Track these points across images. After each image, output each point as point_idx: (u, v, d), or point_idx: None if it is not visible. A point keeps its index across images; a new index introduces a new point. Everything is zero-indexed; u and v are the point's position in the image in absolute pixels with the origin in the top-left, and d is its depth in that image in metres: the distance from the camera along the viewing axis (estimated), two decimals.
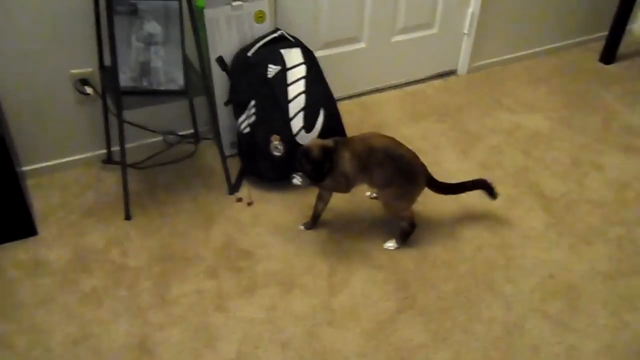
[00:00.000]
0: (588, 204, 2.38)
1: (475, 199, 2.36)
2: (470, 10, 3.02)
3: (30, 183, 2.36)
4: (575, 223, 2.29)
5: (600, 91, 3.13)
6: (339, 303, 1.95)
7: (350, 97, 2.97)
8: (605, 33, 3.35)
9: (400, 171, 2.01)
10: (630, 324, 1.90)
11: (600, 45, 3.40)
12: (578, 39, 3.52)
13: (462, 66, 3.22)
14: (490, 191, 2.17)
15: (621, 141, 2.75)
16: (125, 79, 2.08)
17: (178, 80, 2.11)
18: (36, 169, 2.38)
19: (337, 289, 2.00)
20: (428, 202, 2.27)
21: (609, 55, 3.36)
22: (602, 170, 2.56)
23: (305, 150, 1.97)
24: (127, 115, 2.09)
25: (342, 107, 2.54)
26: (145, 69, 2.09)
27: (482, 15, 3.04)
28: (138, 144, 2.51)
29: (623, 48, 3.39)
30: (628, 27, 3.36)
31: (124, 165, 2.14)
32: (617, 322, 1.91)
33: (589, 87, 3.17)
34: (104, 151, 2.48)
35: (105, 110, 2.33)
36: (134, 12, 2.03)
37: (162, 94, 2.12)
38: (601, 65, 3.37)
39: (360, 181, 2.09)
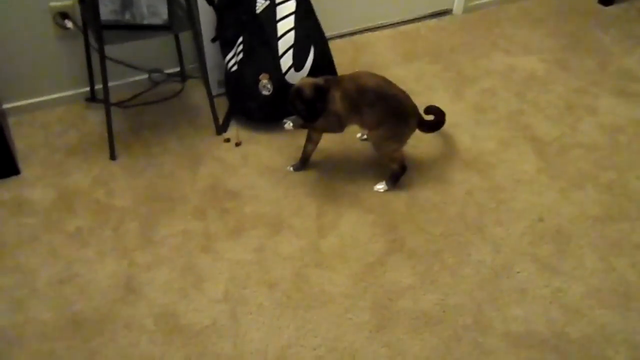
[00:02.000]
0: (580, 148, 2.36)
1: (466, 141, 2.33)
2: None
3: (11, 121, 2.29)
4: (566, 167, 2.27)
5: (597, 33, 3.06)
6: (327, 245, 1.94)
7: (342, 35, 2.89)
8: None
9: (391, 112, 1.96)
10: (617, 268, 1.90)
11: None
12: None
13: (457, 6, 3.12)
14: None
15: (616, 85, 2.70)
16: (106, 12, 1.99)
17: (162, 14, 2.02)
18: (17, 106, 2.31)
19: (326, 230, 1.98)
20: (419, 145, 2.23)
21: None
22: (595, 114, 2.53)
23: (297, 90, 1.91)
24: (110, 51, 2.02)
25: (333, 45, 2.46)
26: (127, 2, 1.99)
27: None
28: (122, 82, 2.44)
29: None
30: None
31: (107, 104, 2.08)
32: (604, 266, 1.91)
33: (586, 29, 3.09)
34: (87, 89, 2.40)
35: (87, 45, 2.24)
36: None
37: (145, 29, 2.04)
38: (599, 6, 3.28)
39: (352, 121, 2.04)
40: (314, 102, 1.89)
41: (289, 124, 2.04)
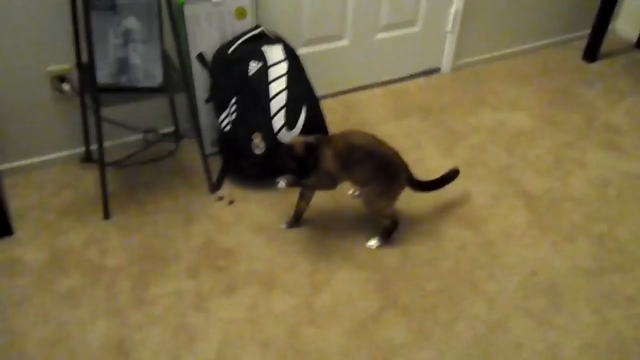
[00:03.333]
0: (570, 201, 2.38)
1: (457, 196, 2.36)
2: (453, 8, 3.01)
3: (6, 182, 2.31)
4: (557, 220, 2.29)
5: (582, 89, 3.14)
6: (320, 302, 1.93)
7: (333, 94, 2.95)
8: (588, 31, 3.36)
9: (381, 169, 1.99)
10: (612, 321, 1.90)
11: (582, 44, 3.40)
12: (561, 37, 3.52)
13: (445, 64, 3.21)
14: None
15: (603, 139, 2.75)
16: (103, 76, 2.05)
17: (157, 77, 2.08)
18: (13, 167, 2.34)
19: (319, 287, 1.98)
20: (410, 200, 2.25)
21: (591, 53, 3.36)
22: (584, 168, 2.57)
23: (288, 147, 1.95)
24: (106, 112, 2.06)
25: (325, 105, 2.52)
26: (123, 66, 2.05)
27: (465, 13, 3.03)
28: (118, 142, 2.48)
29: (605, 46, 3.40)
30: (610, 26, 3.37)
31: (102, 164, 2.10)
32: (599, 319, 1.91)
33: (571, 85, 3.17)
34: (83, 150, 2.43)
35: (83, 107, 2.29)
36: (111, 7, 1.99)
37: (140, 91, 2.09)
38: (584, 63, 3.38)
39: (343, 179, 2.07)
40: (305, 158, 1.92)
41: (282, 183, 2.06)
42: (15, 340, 1.77)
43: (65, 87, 2.24)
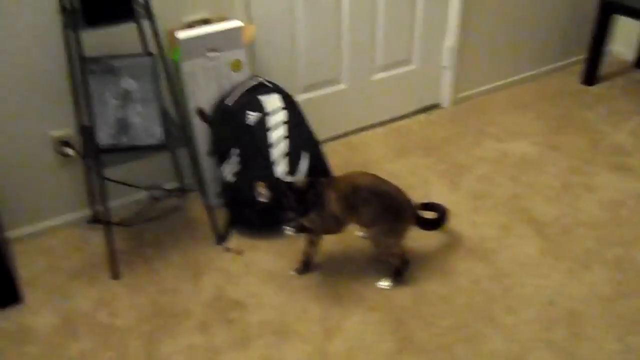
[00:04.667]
0: (582, 226, 2.34)
1: (467, 229, 2.33)
2: (447, 43, 3.05)
3: (14, 248, 2.32)
4: (571, 247, 2.24)
5: (584, 113, 3.13)
6: (334, 348, 1.89)
7: (335, 137, 2.97)
8: (585, 55, 3.37)
9: (386, 208, 1.98)
10: (636, 348, 1.84)
11: (581, 68, 3.42)
12: (558, 63, 3.54)
13: (445, 99, 3.23)
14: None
15: (610, 161, 2.73)
16: (104, 137, 2.07)
17: (157, 134, 2.10)
18: (21, 234, 2.35)
19: (332, 333, 1.94)
20: (420, 237, 2.22)
21: (590, 76, 3.37)
22: (594, 192, 2.53)
23: (288, 183, 1.95)
24: (110, 172, 2.08)
25: (327, 148, 2.53)
26: (123, 126, 2.08)
27: (461, 47, 3.06)
28: (123, 200, 2.49)
29: (604, 69, 3.41)
30: (607, 48, 3.38)
31: (108, 224, 2.11)
32: (622, 346, 1.85)
33: (573, 109, 3.17)
34: (89, 211, 2.45)
35: (87, 169, 2.31)
36: (109, 70, 2.03)
37: (141, 149, 2.11)
38: (583, 87, 3.38)
39: (349, 221, 2.06)
40: (304, 193, 1.91)
41: (289, 230, 2.06)
42: None
43: (69, 151, 2.27)
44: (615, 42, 3.69)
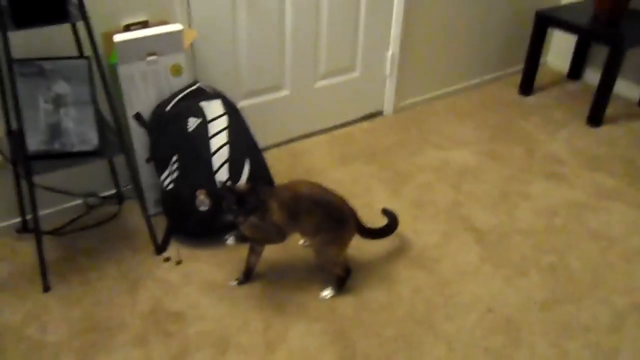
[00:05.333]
0: (519, 234, 2.40)
1: (408, 237, 2.35)
2: (389, 52, 3.07)
3: None
4: (508, 254, 2.29)
5: (521, 122, 3.22)
6: None
7: (278, 144, 2.94)
8: (521, 66, 3.48)
9: (329, 217, 1.96)
10: (570, 352, 1.89)
11: (517, 79, 3.52)
12: (497, 74, 3.63)
13: (387, 107, 3.25)
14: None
15: (545, 169, 2.81)
16: (35, 143, 1.98)
17: (92, 140, 2.02)
18: None
19: (274, 345, 1.91)
20: (361, 246, 2.22)
21: (526, 87, 3.47)
22: (530, 200, 2.60)
23: (228, 186, 1.91)
24: (42, 179, 1.98)
25: (270, 155, 2.50)
26: (56, 131, 1.99)
27: (402, 56, 3.09)
28: (57, 208, 2.38)
29: (539, 80, 3.52)
30: (542, 60, 3.49)
31: (38, 233, 2.01)
32: (557, 351, 1.90)
33: (510, 119, 3.25)
34: (19, 219, 2.33)
35: (17, 176, 2.20)
36: (39, 72, 1.94)
37: (75, 156, 2.02)
38: (520, 97, 3.48)
39: (291, 230, 2.03)
40: (245, 196, 1.86)
41: (230, 240, 2.02)
42: None
43: None
44: (549, 54, 3.82)
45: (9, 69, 1.80)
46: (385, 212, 2.21)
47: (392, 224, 2.18)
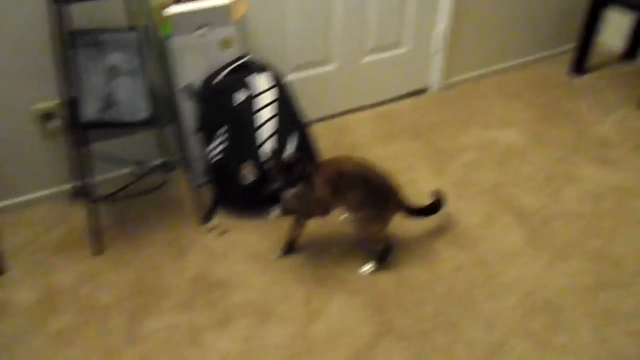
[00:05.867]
0: (564, 217, 2.37)
1: (450, 216, 2.35)
2: (439, 28, 3.03)
3: None
4: (552, 237, 2.27)
5: (572, 103, 3.15)
6: (316, 331, 1.90)
7: (322, 119, 2.96)
8: (574, 45, 3.38)
9: (373, 193, 1.98)
10: (611, 339, 1.88)
11: (570, 58, 3.43)
12: (548, 52, 3.55)
13: (433, 84, 3.22)
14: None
15: (594, 153, 2.75)
16: (89, 112, 2.04)
17: (143, 110, 2.07)
18: (3, 206, 2.32)
19: (315, 316, 1.96)
20: (404, 223, 2.24)
21: (579, 67, 3.38)
22: (576, 183, 2.56)
23: (277, 154, 1.95)
24: (95, 147, 2.05)
25: (314, 129, 2.52)
26: (109, 101, 2.05)
27: (452, 32, 3.05)
28: (108, 176, 2.47)
29: (592, 59, 3.42)
30: (596, 39, 3.39)
31: (91, 200, 2.09)
32: (598, 337, 1.89)
33: (560, 99, 3.18)
34: (73, 185, 2.42)
35: (71, 144, 2.28)
36: (96, 44, 2.00)
37: (127, 125, 2.08)
38: (571, 77, 3.39)
39: (335, 205, 2.06)
40: (292, 166, 1.89)
41: (275, 212, 2.05)
42: None
43: (53, 124, 2.24)
44: (604, 32, 3.69)
45: (67, 41, 1.86)
46: (435, 193, 2.20)
47: (436, 205, 2.18)
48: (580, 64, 3.37)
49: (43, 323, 1.93)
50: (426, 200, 2.19)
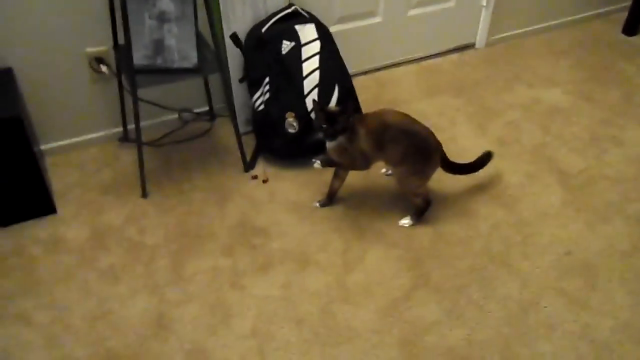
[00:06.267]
0: (606, 180, 2.35)
1: (491, 175, 2.34)
2: None
3: (48, 161, 2.39)
4: (593, 200, 2.26)
5: (622, 64, 3.06)
6: (353, 280, 1.96)
7: (366, 72, 2.95)
8: (628, 3, 3.26)
9: (415, 148, 1.99)
10: None
11: (622, 17, 3.31)
12: (599, 10, 3.43)
13: (480, 40, 3.16)
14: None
15: None
16: (139, 57, 2.08)
17: (192, 58, 2.10)
18: (54, 147, 2.41)
19: (352, 266, 2.01)
20: (443, 179, 2.25)
21: (631, 26, 3.27)
22: (621, 146, 2.52)
23: (319, 104, 1.99)
24: (142, 93, 2.09)
25: (357, 82, 2.52)
26: (159, 47, 2.08)
27: None
28: (154, 121, 2.52)
29: None
30: None
31: (139, 144, 2.15)
32: (633, 300, 1.89)
33: (610, 60, 3.10)
34: (120, 129, 2.49)
35: (121, 88, 2.34)
36: None
37: (176, 72, 2.12)
38: (624, 37, 3.29)
39: (376, 158, 2.07)
40: (336, 116, 1.93)
41: (317, 163, 2.08)
42: (60, 315, 1.84)
43: (103, 68, 2.29)
44: None
45: None
46: (484, 154, 2.19)
47: (478, 163, 2.18)
48: (633, 24, 3.26)
49: (93, 260, 2.02)
50: (468, 158, 2.19)
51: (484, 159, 2.18)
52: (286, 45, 2.25)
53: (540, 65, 3.05)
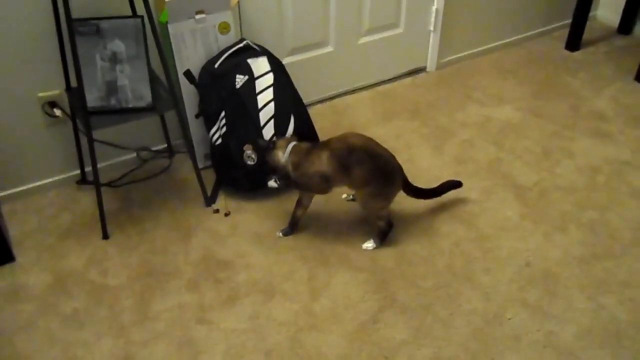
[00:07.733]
0: (560, 190, 2.42)
1: (450, 193, 2.39)
2: (434, 7, 3.06)
3: (5, 209, 2.35)
4: (548, 210, 2.33)
5: (567, 78, 3.18)
6: (320, 307, 1.96)
7: (321, 101, 2.99)
8: (569, 20, 3.41)
9: (379, 170, 2.02)
10: (607, 307, 1.94)
11: (564, 34, 3.45)
12: (542, 29, 3.57)
13: (430, 63, 3.25)
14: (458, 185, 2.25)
15: (590, 126, 2.79)
16: (92, 99, 2.08)
17: (145, 96, 2.11)
18: (10, 194, 2.37)
19: (318, 293, 2.01)
20: (403, 200, 2.28)
21: (574, 42, 3.41)
22: (572, 157, 2.61)
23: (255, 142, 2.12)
24: (98, 134, 2.09)
25: (314, 111, 2.56)
26: (112, 88, 2.09)
27: (447, 11, 3.07)
28: (112, 162, 2.51)
29: (587, 34, 3.44)
30: (591, 13, 3.41)
31: (97, 185, 2.14)
32: (593, 305, 1.95)
33: (556, 75, 3.22)
34: (78, 172, 2.47)
35: (76, 131, 2.33)
36: (96, 31, 2.03)
37: (130, 112, 2.12)
38: (567, 52, 3.42)
39: (340, 181, 2.08)
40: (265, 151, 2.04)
41: (273, 182, 2.11)
42: None
43: (57, 112, 2.28)
44: (600, 7, 3.71)
45: (68, 28, 1.89)
46: (451, 182, 2.26)
47: (439, 191, 2.23)
48: (575, 39, 3.40)
49: (55, 306, 1.98)
50: (426, 178, 2.23)
51: (449, 186, 2.23)
52: (240, 79, 2.28)
53: (490, 84, 3.15)
